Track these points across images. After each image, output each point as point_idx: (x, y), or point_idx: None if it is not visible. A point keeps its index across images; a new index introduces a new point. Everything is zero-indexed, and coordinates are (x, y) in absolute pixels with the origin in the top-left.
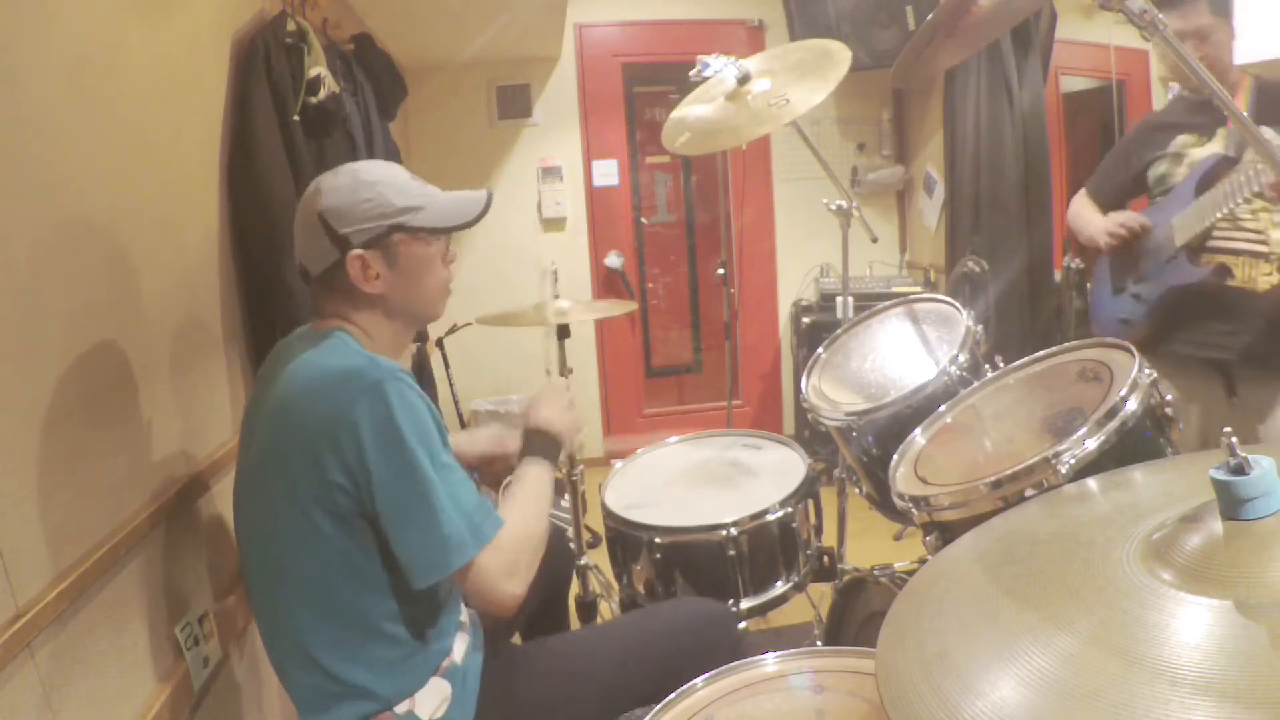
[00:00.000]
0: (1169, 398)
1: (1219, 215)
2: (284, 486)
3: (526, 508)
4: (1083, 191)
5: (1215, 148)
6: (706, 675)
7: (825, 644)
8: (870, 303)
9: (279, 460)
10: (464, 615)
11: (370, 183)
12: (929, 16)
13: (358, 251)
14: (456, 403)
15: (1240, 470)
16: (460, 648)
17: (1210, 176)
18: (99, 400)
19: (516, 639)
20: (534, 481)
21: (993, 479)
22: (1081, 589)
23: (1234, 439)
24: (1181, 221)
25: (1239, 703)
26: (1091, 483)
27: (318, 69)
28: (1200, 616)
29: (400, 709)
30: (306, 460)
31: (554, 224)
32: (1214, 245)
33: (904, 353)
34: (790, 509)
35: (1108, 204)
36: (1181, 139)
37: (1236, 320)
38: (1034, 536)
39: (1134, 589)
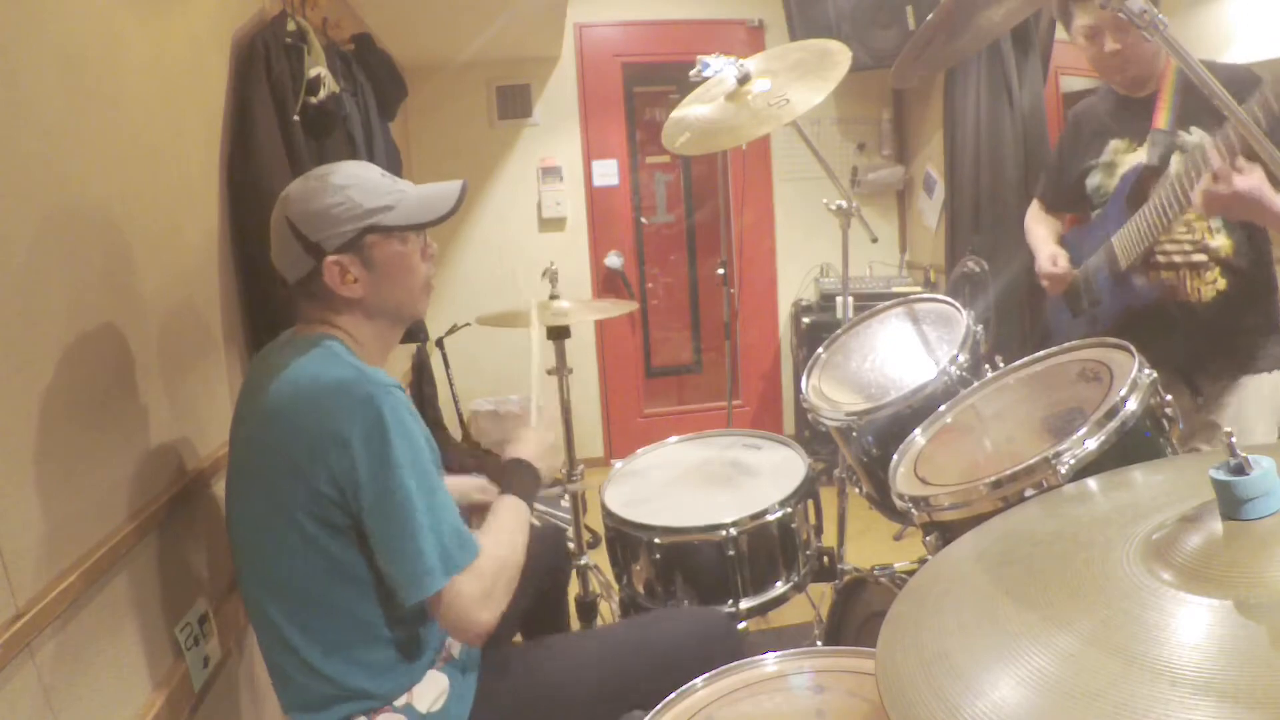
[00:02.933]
0: (1169, 398)
1: (1157, 235)
2: (273, 495)
3: (502, 538)
4: (1035, 203)
5: (1141, 156)
6: (706, 675)
7: (825, 644)
8: (870, 303)
9: (268, 469)
10: None
11: (339, 186)
12: (929, 16)
13: (333, 257)
14: (456, 403)
15: (1240, 470)
16: (458, 643)
17: (1137, 190)
18: (99, 400)
19: (517, 638)
20: (513, 514)
21: (993, 479)
22: (1081, 589)
23: (1234, 439)
24: (1120, 242)
25: (1239, 703)
26: (1091, 483)
27: (318, 69)
28: (1200, 616)
29: (398, 702)
30: (296, 471)
31: (554, 224)
32: (1158, 261)
33: (904, 353)
34: (790, 509)
35: (1060, 209)
36: (1114, 144)
37: (1187, 331)
38: (1034, 536)
39: (1134, 589)
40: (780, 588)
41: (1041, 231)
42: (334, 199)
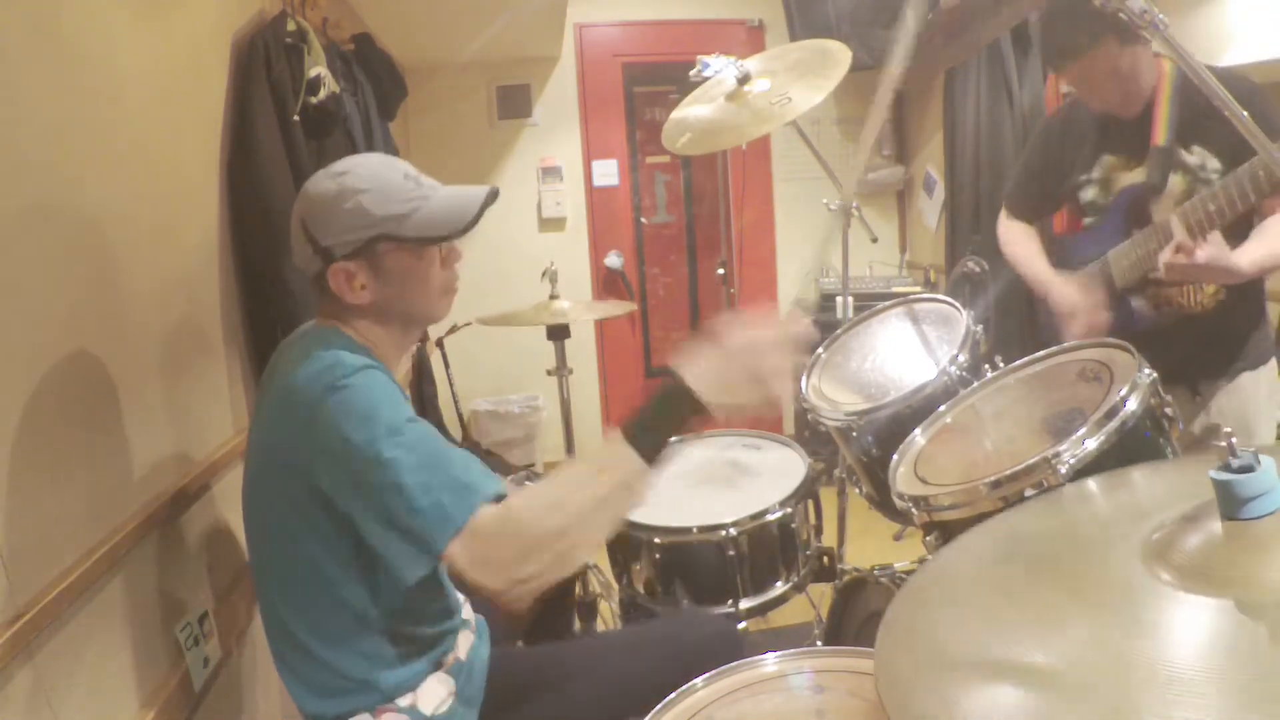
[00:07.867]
0: (1169, 398)
1: (1153, 265)
2: (279, 486)
3: (542, 494)
4: (1005, 215)
5: (1140, 176)
6: (706, 675)
7: (825, 644)
8: (870, 303)
9: (272, 461)
10: (468, 613)
11: (353, 189)
12: (929, 16)
13: (340, 264)
14: (456, 402)
15: (1243, 469)
16: (465, 645)
17: (1135, 207)
18: (99, 401)
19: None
20: (593, 468)
21: (993, 479)
22: (1081, 589)
23: (1234, 438)
24: (1118, 261)
25: (1239, 703)
26: (1091, 483)
27: (318, 69)
28: (1200, 617)
29: (403, 702)
30: (290, 460)
31: (554, 224)
32: (1157, 277)
33: (904, 353)
34: (790, 509)
35: (1030, 218)
36: (1108, 160)
37: (1190, 340)
38: (1034, 536)
39: (1134, 589)
40: (780, 588)
41: (1032, 252)
42: (346, 203)
